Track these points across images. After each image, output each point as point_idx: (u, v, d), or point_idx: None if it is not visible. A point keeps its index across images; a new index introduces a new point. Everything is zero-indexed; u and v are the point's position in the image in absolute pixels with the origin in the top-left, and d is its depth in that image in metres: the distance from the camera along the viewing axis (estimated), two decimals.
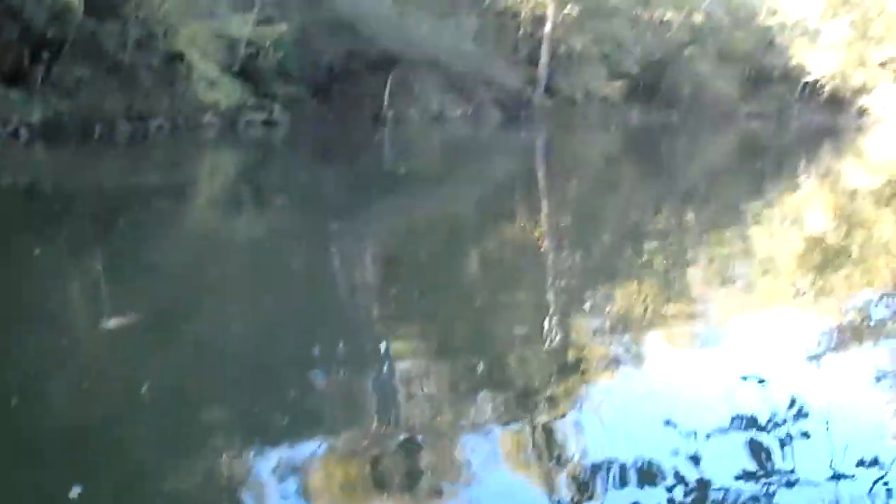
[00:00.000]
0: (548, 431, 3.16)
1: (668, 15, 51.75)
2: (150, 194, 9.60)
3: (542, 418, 3.27)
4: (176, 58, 20.06)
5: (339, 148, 19.02)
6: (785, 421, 3.28)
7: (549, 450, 3.02)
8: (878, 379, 3.93)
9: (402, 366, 3.91)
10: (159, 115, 20.17)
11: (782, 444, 3.08)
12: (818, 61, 47.63)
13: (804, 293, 5.72)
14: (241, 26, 22.74)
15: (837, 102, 55.07)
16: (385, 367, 3.88)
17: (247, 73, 23.74)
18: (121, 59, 18.45)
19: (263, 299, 5.09)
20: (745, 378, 3.69)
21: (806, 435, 3.16)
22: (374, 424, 3.22)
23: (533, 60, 45.10)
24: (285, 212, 8.84)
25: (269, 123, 24.27)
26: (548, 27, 43.61)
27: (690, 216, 9.56)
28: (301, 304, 5.02)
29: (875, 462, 2.95)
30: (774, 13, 55.13)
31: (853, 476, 2.83)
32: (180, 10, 19.54)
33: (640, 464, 2.87)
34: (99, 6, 17.55)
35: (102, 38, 17.92)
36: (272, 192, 10.58)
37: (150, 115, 19.84)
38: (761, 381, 3.67)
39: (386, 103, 30.19)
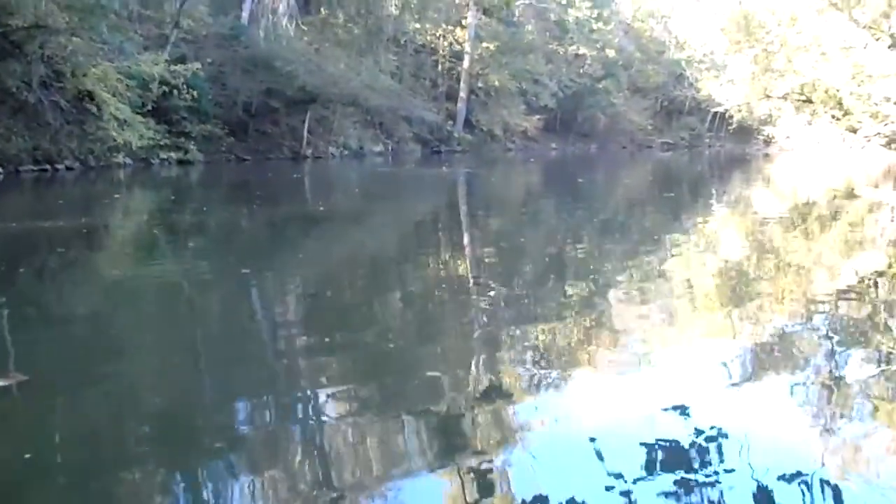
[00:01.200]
0: (476, 474, 3.10)
1: (582, 50, 53.32)
2: (55, 239, 9.24)
3: (468, 461, 3.21)
4: (85, 97, 19.53)
5: (256, 187, 18.74)
6: (708, 450, 3.31)
7: (478, 492, 2.96)
8: (796, 403, 4.02)
9: (324, 414, 3.81)
10: (68, 156, 19.56)
11: (707, 474, 3.11)
12: (725, 93, 49.70)
13: (722, 320, 5.84)
14: (153, 65, 22.32)
15: (745, 132, 57.63)
16: (307, 417, 3.78)
17: (160, 112, 23.31)
18: (25, 99, 17.84)
19: (174, 350, 4.90)
20: (666, 409, 3.72)
21: (729, 463, 3.19)
22: (300, 480, 3.10)
23: (452, 96, 45.73)
24: (200, 254, 8.60)
25: (184, 163, 23.82)
26: (465, 63, 44.35)
27: (610, 246, 9.71)
28: (216, 353, 4.85)
29: (798, 486, 3.00)
30: (682, 48, 57.51)
31: (777, 502, 2.87)
32: (88, 48, 19.05)
33: (568, 502, 2.86)
34: (0, 45, 16.97)
35: (4, 77, 17.30)
36: (186, 234, 10.31)
37: (58, 156, 19.22)
38: (684, 411, 3.71)
39: (305, 141, 30.07)
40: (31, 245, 8.89)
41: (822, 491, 2.97)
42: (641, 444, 3.35)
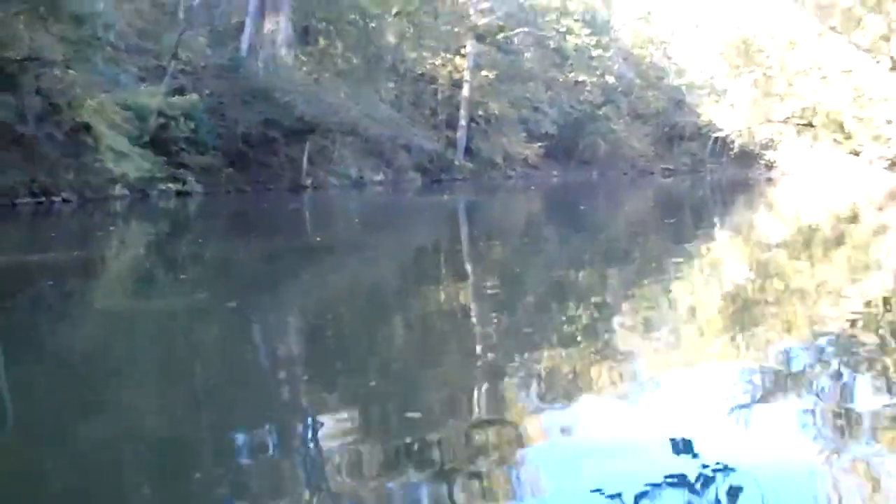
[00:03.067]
0: None
1: (582, 77, 53.69)
2: (52, 271, 9.21)
3: (469, 491, 3.14)
4: (82, 129, 19.62)
5: (255, 218, 18.76)
6: (714, 479, 3.23)
7: None
8: (804, 430, 3.93)
9: (325, 448, 3.73)
10: (65, 188, 19.60)
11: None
12: (726, 118, 49.94)
13: (727, 347, 5.77)
14: (151, 97, 22.46)
15: (747, 157, 57.76)
16: (306, 451, 3.71)
17: (158, 143, 23.41)
18: (21, 132, 17.91)
19: (171, 385, 4.84)
20: (672, 438, 3.63)
21: (736, 493, 3.10)
22: None
23: (452, 124, 45.96)
24: (198, 287, 8.55)
25: (182, 194, 23.86)
26: (465, 91, 44.63)
27: (613, 273, 9.66)
28: (213, 387, 4.79)
29: None
30: (682, 74, 57.89)
31: None
32: (84, 81, 19.17)
33: None
34: None
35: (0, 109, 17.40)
36: (184, 267, 10.29)
37: (55, 188, 19.26)
38: (689, 440, 3.62)
39: (304, 171, 30.15)
40: (19, 278, 8.84)
41: None
42: (646, 473, 3.26)
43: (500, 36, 45.26)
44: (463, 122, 44.60)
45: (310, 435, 3.95)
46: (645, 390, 4.58)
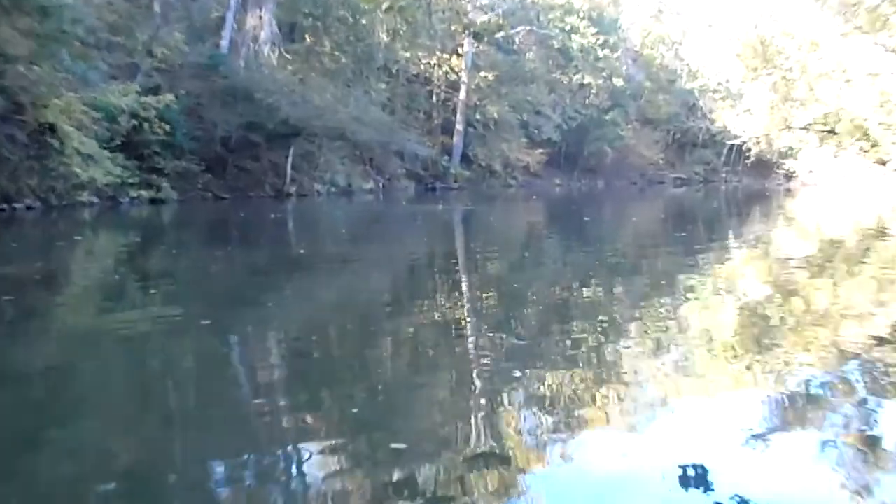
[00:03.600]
0: None
1: (588, 79, 53.79)
2: (10, 285, 9.14)
3: None
4: (47, 130, 19.59)
5: (234, 228, 18.71)
6: None
7: None
8: (825, 462, 3.89)
9: (302, 482, 3.69)
10: (28, 194, 19.54)
11: None
12: (742, 124, 50.11)
13: (742, 370, 5.74)
14: (123, 96, 22.45)
15: (764, 166, 57.93)
16: (284, 485, 3.66)
17: (130, 146, 23.40)
18: None
19: (139, 413, 4.79)
20: (684, 467, 3.61)
21: None
22: None
23: (448, 129, 46.06)
24: (170, 303, 8.49)
25: (156, 202, 23.83)
26: (462, 94, 44.77)
27: (620, 289, 9.64)
28: (185, 415, 4.75)
29: None
30: (695, 76, 58.02)
31: None
32: (51, 78, 19.14)
33: None
34: None
35: None
36: (155, 280, 10.23)
37: (17, 194, 19.20)
38: (702, 472, 3.59)
39: (288, 177, 30.18)
40: None
41: None
42: None
43: (500, 34, 45.48)
44: (459, 127, 44.74)
45: (288, 467, 3.90)
46: (654, 418, 4.55)
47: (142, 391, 5.24)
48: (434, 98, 45.99)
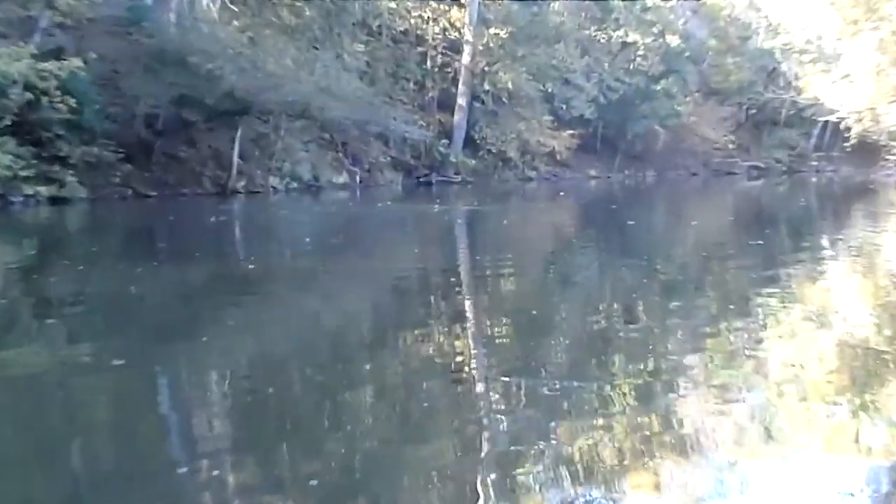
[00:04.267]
0: None
1: (633, 37, 53.85)
2: None
3: None
4: None
5: (163, 236, 18.70)
6: None
7: None
8: None
9: None
10: None
11: None
12: (840, 96, 49.91)
13: (839, 430, 5.70)
14: (13, 61, 22.41)
15: (869, 150, 57.82)
16: None
17: (24, 128, 23.35)
18: None
19: (32, 479, 4.75)
20: None
21: None
22: None
23: (446, 104, 46.08)
24: (74, 337, 8.49)
25: (59, 201, 23.79)
26: (466, 57, 44.81)
27: (676, 317, 9.62)
28: (91, 484, 4.72)
29: None
30: (776, 33, 58.04)
31: None
32: None
33: None
34: None
35: None
36: (58, 307, 10.22)
37: None
38: None
39: (234, 169, 30.18)
40: None
41: None
42: None
43: None
44: (462, 101, 44.80)
45: None
46: (720, 490, 4.56)
47: (34, 454, 5.21)
48: (428, 63, 46.04)
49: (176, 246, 16.99)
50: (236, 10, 35.23)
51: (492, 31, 46.15)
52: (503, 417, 5.80)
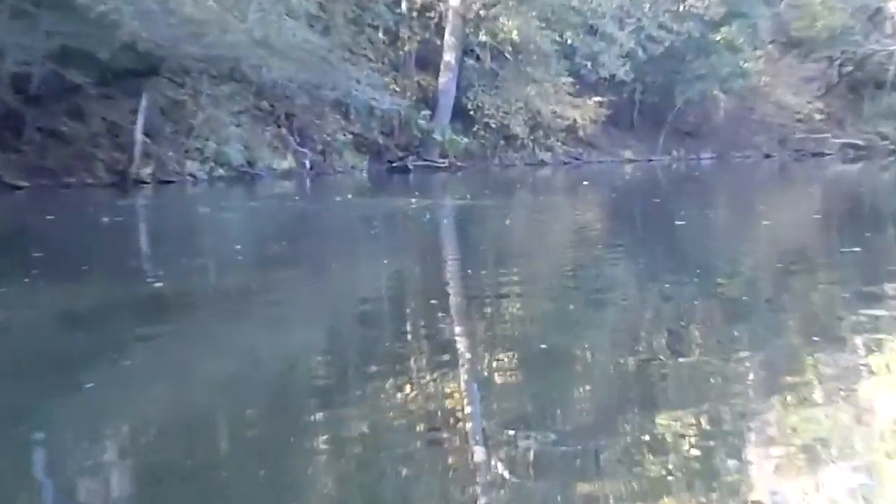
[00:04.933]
0: None
1: None
2: None
3: None
4: None
5: (40, 242, 18.63)
6: None
7: None
8: None
9: None
10: None
11: None
12: None
13: None
14: None
15: None
16: None
17: None
18: None
19: None
20: None
21: None
22: None
23: (428, 61, 46.03)
24: None
25: None
26: None
27: (742, 351, 9.63)
28: None
29: None
30: None
31: None
32: None
33: None
34: None
35: None
36: None
37: None
38: None
39: (137, 150, 30.10)
40: None
41: None
42: None
43: None
44: (450, 58, 44.79)
45: None
46: None
47: None
48: (403, 5, 46.07)
49: (56, 256, 16.92)
50: None
51: None
52: (503, 489, 5.79)
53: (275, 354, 10.15)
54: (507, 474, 6.08)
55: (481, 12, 45.88)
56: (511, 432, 6.86)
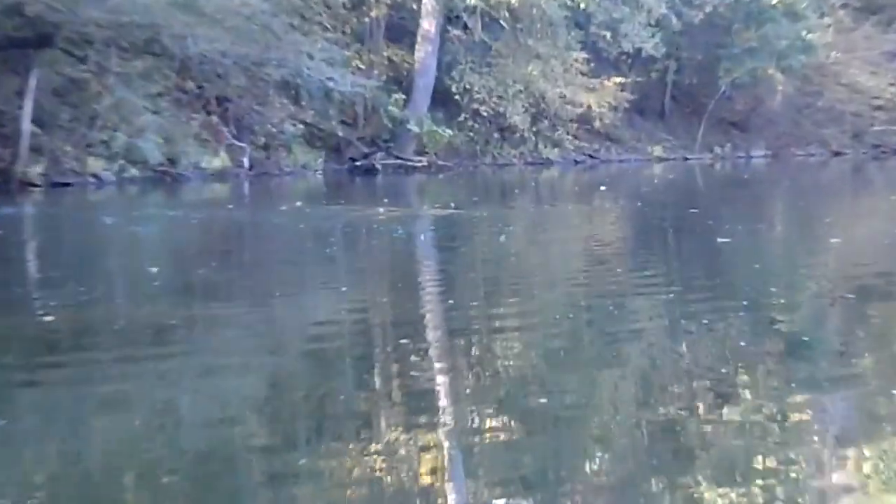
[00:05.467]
0: None
1: None
2: None
3: None
4: None
5: None
6: None
7: None
8: None
9: None
10: None
11: None
12: None
13: None
14: None
15: None
16: None
17: None
18: None
19: None
20: None
21: None
22: None
23: (402, 32, 46.08)
24: None
25: None
26: None
27: (802, 400, 9.62)
28: None
29: None
30: None
31: None
32: None
33: None
34: None
35: None
36: None
37: None
38: None
39: (25, 143, 30.07)
40: None
41: None
42: None
43: None
44: (429, 27, 44.90)
45: None
46: None
47: None
48: None
49: None
50: None
51: None
52: None
53: (195, 411, 10.11)
54: None
55: None
56: None
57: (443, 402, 10.14)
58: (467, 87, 45.46)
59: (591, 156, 48.56)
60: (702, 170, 47.10)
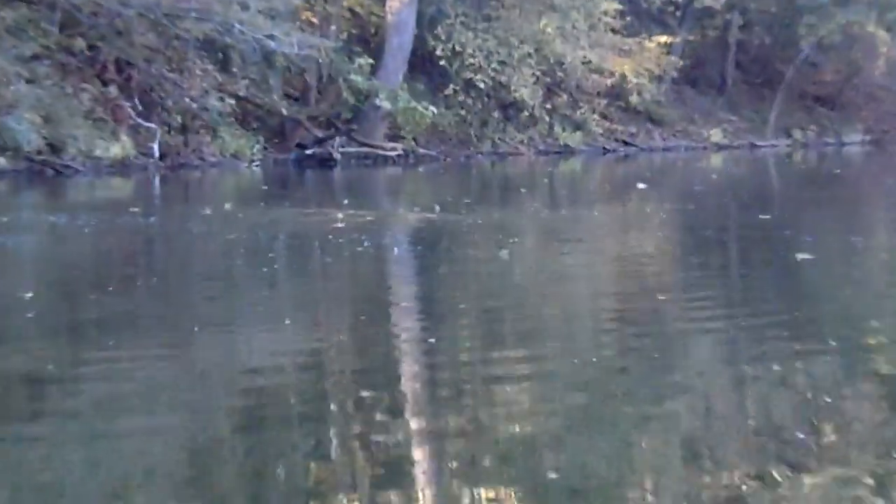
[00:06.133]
0: None
1: None
2: None
3: None
4: None
5: None
6: None
7: None
8: None
9: None
10: None
11: None
12: None
13: None
14: None
15: None
16: None
17: None
18: None
19: None
20: None
21: None
22: None
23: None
24: None
25: None
26: None
27: None
28: None
29: None
30: None
31: None
32: None
33: None
34: None
35: None
36: None
37: None
38: None
39: None
40: None
41: None
42: None
43: None
44: None
45: None
46: None
47: None
48: None
49: None
50: None
51: None
52: None
53: (79, 495, 10.07)
54: None
55: None
56: None
57: (419, 477, 10.12)
58: (457, 48, 45.56)
59: (625, 142, 48.70)
60: (776, 161, 47.42)
